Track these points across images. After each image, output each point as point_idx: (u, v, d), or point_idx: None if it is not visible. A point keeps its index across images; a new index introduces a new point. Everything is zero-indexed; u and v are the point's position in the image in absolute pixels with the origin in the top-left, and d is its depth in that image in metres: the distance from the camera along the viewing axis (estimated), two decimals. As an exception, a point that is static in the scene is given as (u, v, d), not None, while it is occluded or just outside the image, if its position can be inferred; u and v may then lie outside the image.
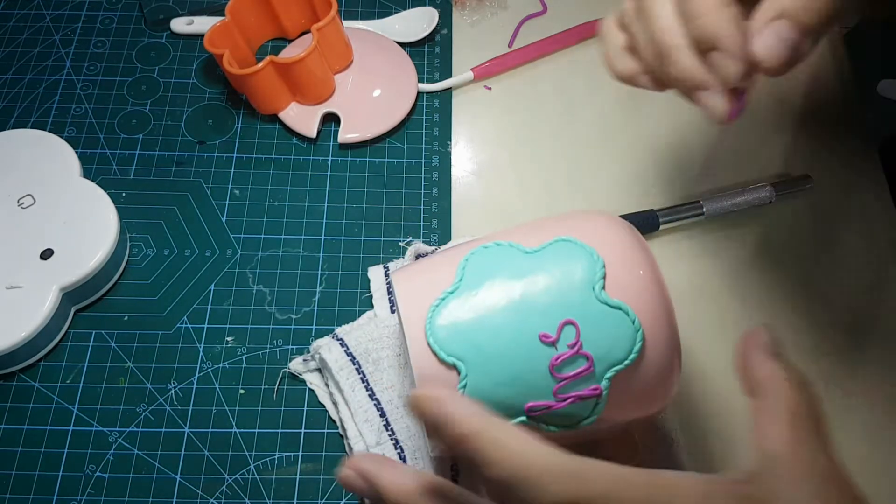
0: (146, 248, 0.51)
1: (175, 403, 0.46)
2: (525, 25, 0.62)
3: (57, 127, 0.56)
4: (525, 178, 0.55)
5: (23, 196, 0.50)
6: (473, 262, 0.37)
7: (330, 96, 0.56)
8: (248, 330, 0.49)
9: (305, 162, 0.55)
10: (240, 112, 0.57)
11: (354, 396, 0.44)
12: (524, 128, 0.58)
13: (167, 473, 0.44)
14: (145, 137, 0.56)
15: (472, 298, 0.36)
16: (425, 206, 0.54)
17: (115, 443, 0.45)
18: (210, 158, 0.55)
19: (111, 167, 0.54)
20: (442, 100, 0.59)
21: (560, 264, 0.36)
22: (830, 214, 0.54)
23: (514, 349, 0.35)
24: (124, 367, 0.47)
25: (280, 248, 0.52)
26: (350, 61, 0.57)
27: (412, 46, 0.60)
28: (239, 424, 0.46)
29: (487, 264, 0.37)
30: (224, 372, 0.47)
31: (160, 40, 0.61)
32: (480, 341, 0.35)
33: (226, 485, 0.44)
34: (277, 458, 0.45)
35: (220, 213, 0.53)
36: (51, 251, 0.48)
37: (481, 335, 0.35)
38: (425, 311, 0.36)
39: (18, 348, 0.45)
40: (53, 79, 0.58)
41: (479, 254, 0.38)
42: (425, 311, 0.36)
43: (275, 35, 0.61)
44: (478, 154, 0.57)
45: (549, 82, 0.60)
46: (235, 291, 0.50)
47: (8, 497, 0.43)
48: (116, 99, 0.57)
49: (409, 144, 0.56)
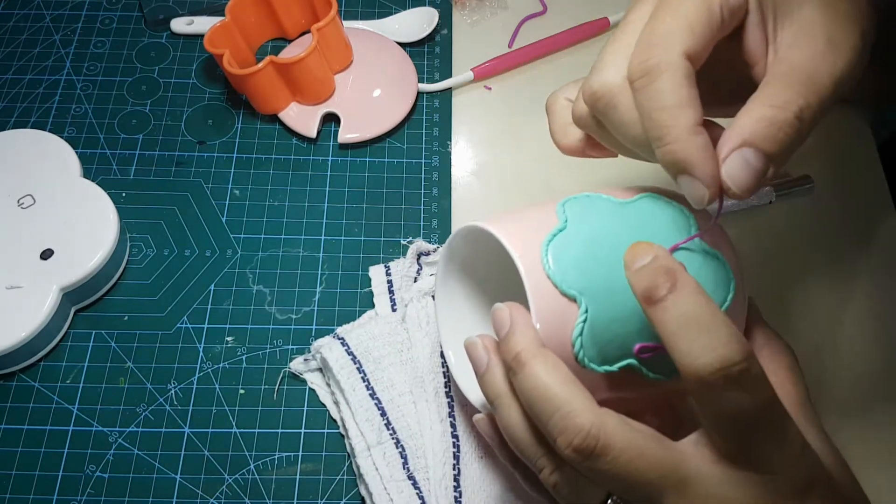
0: (146, 248, 0.51)
1: (175, 403, 0.46)
2: (525, 25, 0.62)
3: (57, 127, 0.56)
4: (525, 178, 0.55)
5: (23, 196, 0.50)
6: (571, 208, 0.36)
7: (330, 96, 0.56)
8: (248, 330, 0.49)
9: (305, 162, 0.55)
10: (240, 112, 0.57)
11: (355, 395, 0.44)
12: (524, 128, 0.58)
13: (167, 473, 0.44)
14: (145, 137, 0.56)
15: (584, 235, 0.35)
16: (425, 206, 0.54)
17: (115, 443, 0.45)
18: (210, 158, 0.55)
19: (111, 167, 0.54)
20: (442, 100, 0.59)
21: (658, 212, 0.36)
22: (830, 214, 0.54)
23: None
24: (124, 367, 0.47)
25: (280, 248, 0.52)
26: (350, 61, 0.57)
27: (412, 46, 0.60)
28: (239, 424, 0.46)
29: (586, 210, 0.36)
30: (224, 372, 0.47)
31: (160, 40, 0.61)
32: (598, 275, 0.34)
33: (226, 485, 0.44)
34: (277, 458, 0.45)
35: (220, 213, 0.53)
36: (51, 251, 0.48)
37: (599, 269, 0.34)
38: (537, 246, 0.35)
39: (18, 348, 0.45)
40: (53, 79, 0.58)
41: (574, 201, 0.37)
42: (538, 246, 0.35)
43: (275, 35, 0.61)
44: (478, 154, 0.57)
45: (549, 82, 0.60)
46: (235, 291, 0.50)
47: (8, 497, 0.43)
48: (116, 99, 0.57)
49: (409, 144, 0.56)
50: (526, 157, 0.56)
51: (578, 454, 0.30)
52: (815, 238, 0.53)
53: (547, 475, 0.32)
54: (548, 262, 0.34)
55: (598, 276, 0.34)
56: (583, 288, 0.34)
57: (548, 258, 0.34)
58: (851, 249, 0.53)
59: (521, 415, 0.33)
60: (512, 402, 0.33)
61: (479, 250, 0.41)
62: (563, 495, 0.33)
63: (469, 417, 0.44)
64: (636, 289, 0.30)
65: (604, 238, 0.35)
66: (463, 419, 0.44)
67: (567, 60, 0.61)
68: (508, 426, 0.34)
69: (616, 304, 0.34)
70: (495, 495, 0.43)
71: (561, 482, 0.32)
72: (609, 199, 0.37)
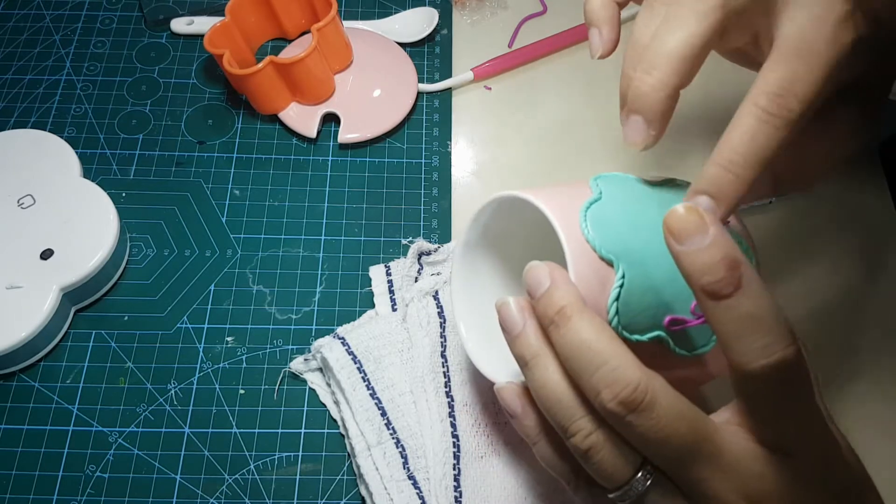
0: (146, 248, 0.51)
1: (175, 403, 0.46)
2: (525, 25, 0.62)
3: (57, 127, 0.56)
4: (525, 178, 0.55)
5: (23, 196, 0.50)
6: (604, 183, 0.37)
7: (330, 96, 0.56)
8: (248, 330, 0.49)
9: (305, 162, 0.55)
10: (240, 112, 0.57)
11: (355, 395, 0.44)
12: (524, 128, 0.58)
13: (167, 473, 0.44)
14: (145, 137, 0.56)
15: (619, 206, 0.36)
16: (425, 206, 0.54)
17: (115, 443, 0.45)
18: (210, 158, 0.55)
19: (111, 167, 0.54)
20: (442, 100, 0.59)
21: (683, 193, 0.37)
22: (830, 214, 0.54)
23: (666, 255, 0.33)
24: (124, 367, 0.47)
25: (280, 248, 0.52)
26: (350, 61, 0.57)
27: (412, 46, 0.60)
28: (239, 424, 0.46)
29: (618, 185, 0.37)
30: (224, 372, 0.47)
31: (160, 40, 0.61)
32: (635, 244, 0.35)
33: (226, 485, 0.44)
34: (277, 458, 0.45)
35: (220, 213, 0.53)
36: (51, 251, 0.48)
37: (636, 238, 0.35)
38: (575, 212, 0.35)
39: (18, 348, 0.45)
40: (53, 79, 0.58)
41: (605, 178, 0.38)
42: (575, 213, 0.35)
43: (275, 35, 0.61)
44: (478, 154, 0.57)
45: (549, 82, 0.60)
46: (235, 291, 0.50)
47: (8, 497, 0.43)
48: (116, 99, 0.57)
49: (409, 144, 0.56)
50: (526, 157, 0.56)
51: (624, 407, 0.29)
52: (814, 238, 0.53)
53: (581, 439, 0.31)
54: (587, 227, 0.35)
55: (635, 244, 0.35)
56: (620, 254, 0.34)
57: (586, 223, 0.35)
58: (851, 250, 0.53)
59: (559, 373, 0.32)
60: (550, 361, 0.32)
61: (509, 223, 0.41)
62: (596, 460, 0.31)
63: (470, 417, 0.44)
64: (693, 275, 0.29)
65: (638, 209, 0.36)
66: (463, 419, 0.44)
67: (567, 60, 0.61)
68: (544, 385, 0.32)
69: (651, 273, 0.34)
70: (495, 495, 0.43)
71: (598, 444, 0.31)
72: (637, 179, 0.38)
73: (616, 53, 0.39)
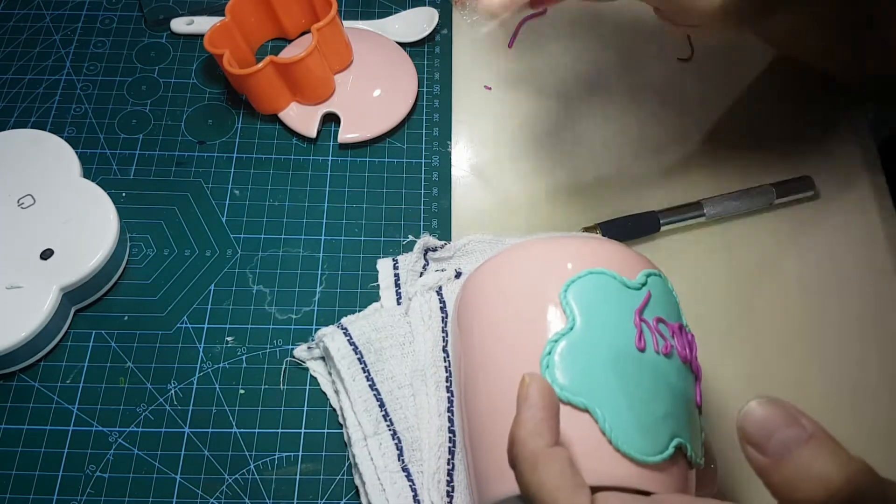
0: (146, 248, 0.51)
1: (175, 403, 0.46)
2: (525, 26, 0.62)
3: (57, 127, 0.56)
4: (525, 178, 0.55)
5: (23, 196, 0.50)
6: (578, 297, 0.35)
7: (330, 96, 0.56)
8: (248, 330, 0.49)
9: (305, 162, 0.55)
10: (240, 112, 0.57)
11: (354, 386, 0.44)
12: (524, 128, 0.58)
13: (167, 473, 0.44)
14: (145, 137, 0.56)
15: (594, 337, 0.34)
16: (425, 206, 0.54)
17: (115, 443, 0.45)
18: (210, 158, 0.55)
19: (111, 167, 0.54)
20: (442, 100, 0.59)
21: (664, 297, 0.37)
22: (831, 215, 0.54)
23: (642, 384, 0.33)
24: (124, 367, 0.47)
25: (280, 248, 0.52)
26: (350, 61, 0.57)
27: (412, 46, 0.60)
28: (239, 424, 0.46)
29: (593, 300, 0.35)
30: (224, 372, 0.47)
31: (160, 40, 0.61)
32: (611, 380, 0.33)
33: (226, 485, 0.44)
34: (277, 458, 0.45)
35: (220, 213, 0.53)
36: (51, 251, 0.48)
37: (613, 374, 0.33)
38: (536, 360, 0.34)
39: (18, 348, 0.45)
40: (53, 79, 0.58)
41: (580, 286, 0.35)
42: (536, 361, 0.34)
43: (275, 35, 0.61)
44: (478, 154, 0.57)
45: (549, 82, 0.60)
46: (235, 291, 0.50)
47: (8, 497, 0.43)
48: (116, 99, 0.57)
49: (409, 144, 0.56)
50: (525, 157, 0.56)
51: None
52: (815, 239, 0.53)
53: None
54: (554, 377, 0.33)
55: (611, 380, 0.33)
56: (591, 393, 0.33)
57: (554, 371, 0.34)
58: (852, 250, 0.53)
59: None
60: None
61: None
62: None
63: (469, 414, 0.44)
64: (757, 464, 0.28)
65: (616, 337, 0.34)
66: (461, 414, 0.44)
67: (567, 60, 0.61)
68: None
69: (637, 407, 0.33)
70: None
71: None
72: (617, 278, 0.36)
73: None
